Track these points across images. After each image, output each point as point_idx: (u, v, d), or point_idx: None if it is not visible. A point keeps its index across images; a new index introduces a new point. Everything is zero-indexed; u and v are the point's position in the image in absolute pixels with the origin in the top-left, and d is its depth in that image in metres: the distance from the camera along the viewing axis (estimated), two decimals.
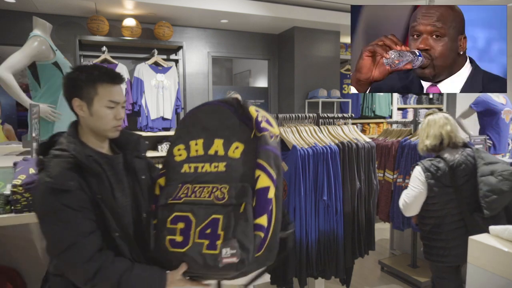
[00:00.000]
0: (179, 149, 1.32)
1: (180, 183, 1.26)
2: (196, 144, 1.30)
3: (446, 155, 1.99)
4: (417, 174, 2.01)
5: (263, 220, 1.14)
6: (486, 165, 1.83)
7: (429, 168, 1.96)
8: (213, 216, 1.16)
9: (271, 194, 1.16)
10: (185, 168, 1.28)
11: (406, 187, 2.76)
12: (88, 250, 1.09)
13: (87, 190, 1.13)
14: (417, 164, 2.04)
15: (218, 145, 1.27)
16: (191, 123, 1.34)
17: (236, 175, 1.22)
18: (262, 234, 1.14)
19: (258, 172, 1.18)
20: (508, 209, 1.76)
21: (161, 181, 1.33)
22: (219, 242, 1.12)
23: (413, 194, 2.03)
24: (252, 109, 1.28)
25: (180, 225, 1.18)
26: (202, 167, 1.26)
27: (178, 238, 1.17)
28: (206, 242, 1.14)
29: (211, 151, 1.27)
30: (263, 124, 1.25)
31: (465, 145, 2.05)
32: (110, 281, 1.09)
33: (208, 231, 1.14)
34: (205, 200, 1.19)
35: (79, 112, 1.21)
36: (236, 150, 1.25)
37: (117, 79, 1.23)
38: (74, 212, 1.08)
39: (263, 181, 1.17)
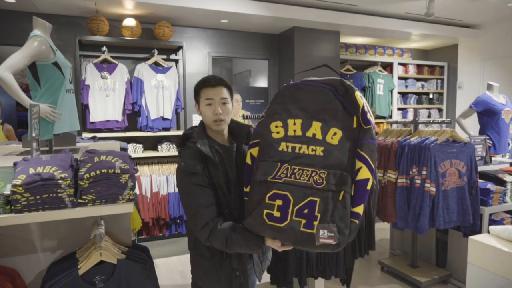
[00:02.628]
0: (276, 126, 1.34)
1: (279, 162, 1.30)
2: (294, 124, 1.31)
3: None
4: None
5: (359, 209, 1.21)
6: None
7: None
8: (310, 198, 1.22)
9: (369, 185, 1.21)
10: (283, 146, 1.31)
11: (406, 187, 2.77)
12: (204, 218, 1.40)
13: (207, 174, 1.44)
14: None
15: (316, 128, 1.28)
16: (290, 101, 1.34)
17: (333, 162, 1.24)
18: (357, 222, 1.21)
19: (359, 164, 1.22)
20: None
21: (254, 151, 1.40)
22: (315, 223, 1.20)
23: None
24: (358, 97, 1.26)
25: (278, 202, 1.26)
26: (300, 148, 1.29)
27: (276, 214, 1.26)
28: (303, 221, 1.22)
29: (309, 133, 1.28)
30: (369, 116, 1.25)
31: None
32: (220, 240, 1.37)
33: (306, 211, 1.22)
34: (304, 182, 1.24)
35: (198, 113, 1.56)
36: (334, 136, 1.25)
37: (209, 82, 1.50)
38: (198, 188, 1.42)
39: (364, 173, 1.21)
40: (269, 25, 4.75)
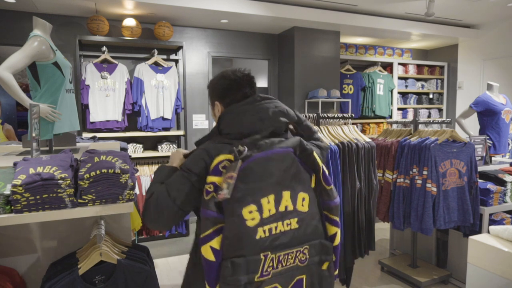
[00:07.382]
0: (250, 211, 1.11)
1: (262, 254, 1.13)
2: (268, 202, 1.14)
3: None
4: None
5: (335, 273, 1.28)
6: None
7: None
8: (297, 277, 1.20)
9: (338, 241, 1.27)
10: (260, 233, 1.13)
11: (406, 187, 2.78)
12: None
13: None
14: None
15: (286, 199, 1.17)
16: (261, 177, 1.14)
17: (309, 230, 1.21)
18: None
19: (334, 229, 1.25)
20: None
21: (215, 243, 1.12)
22: None
23: None
24: (317, 157, 1.22)
25: None
26: (276, 228, 1.15)
27: None
28: None
29: (282, 207, 1.16)
30: (327, 174, 1.24)
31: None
32: None
33: None
34: (291, 266, 1.18)
35: None
36: (304, 202, 1.20)
37: None
38: None
39: (339, 237, 1.25)
40: (269, 25, 4.75)
